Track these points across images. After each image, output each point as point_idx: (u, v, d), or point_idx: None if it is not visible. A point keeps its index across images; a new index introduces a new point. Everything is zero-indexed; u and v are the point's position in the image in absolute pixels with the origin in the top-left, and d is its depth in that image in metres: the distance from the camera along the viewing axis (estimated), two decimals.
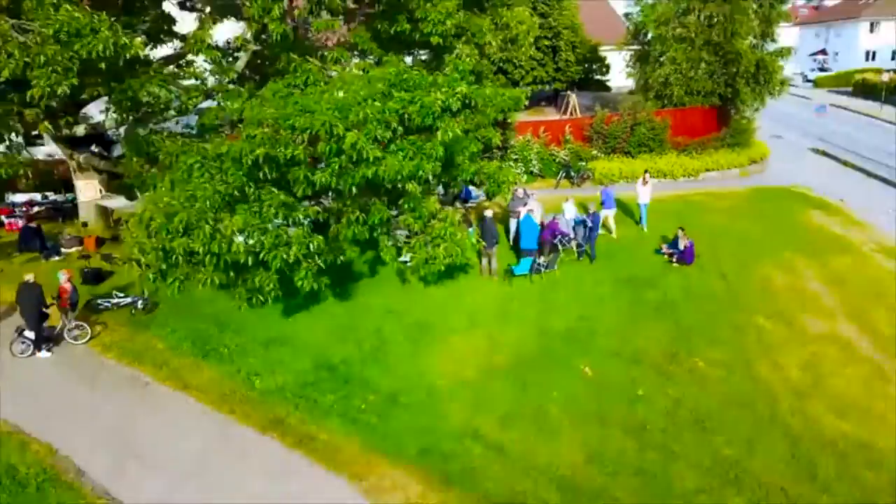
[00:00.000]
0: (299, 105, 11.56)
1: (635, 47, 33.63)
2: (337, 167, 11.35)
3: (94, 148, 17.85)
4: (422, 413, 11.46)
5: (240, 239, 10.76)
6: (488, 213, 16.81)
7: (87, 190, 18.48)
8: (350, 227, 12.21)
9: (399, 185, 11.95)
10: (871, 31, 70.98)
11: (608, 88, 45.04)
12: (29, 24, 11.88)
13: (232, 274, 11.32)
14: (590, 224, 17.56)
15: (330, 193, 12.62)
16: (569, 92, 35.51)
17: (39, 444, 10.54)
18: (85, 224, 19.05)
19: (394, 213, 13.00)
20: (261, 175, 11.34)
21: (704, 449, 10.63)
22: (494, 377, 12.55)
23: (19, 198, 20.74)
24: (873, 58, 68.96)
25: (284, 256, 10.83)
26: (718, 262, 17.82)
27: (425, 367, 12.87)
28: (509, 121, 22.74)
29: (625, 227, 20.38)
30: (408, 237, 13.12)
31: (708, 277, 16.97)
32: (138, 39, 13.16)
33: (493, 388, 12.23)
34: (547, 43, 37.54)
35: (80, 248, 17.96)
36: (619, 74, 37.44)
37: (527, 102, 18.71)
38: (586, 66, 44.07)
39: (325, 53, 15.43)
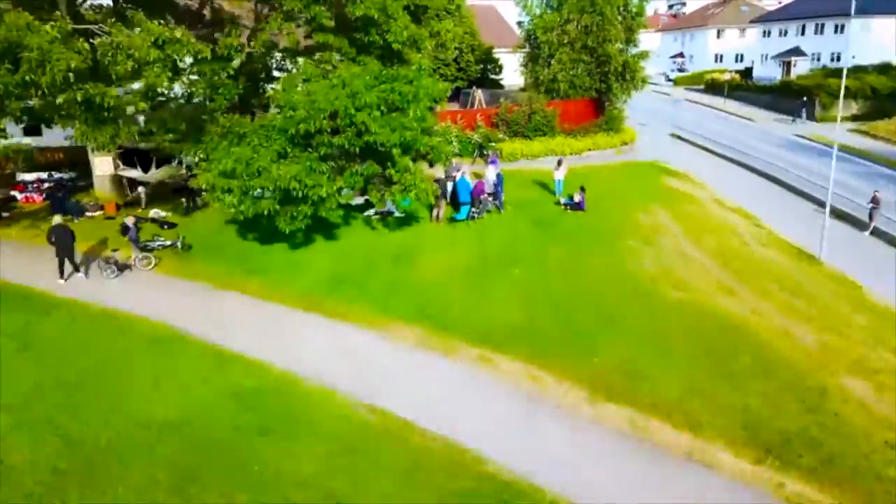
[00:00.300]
0: (316, 93, 16.76)
1: (527, 50, 40.29)
2: (350, 135, 16.67)
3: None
4: (412, 296, 16.99)
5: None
6: (440, 175, 22.53)
7: (103, 165, 22.34)
8: (353, 177, 17.53)
9: (387, 149, 17.41)
10: (718, 37, 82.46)
11: (502, 86, 51.93)
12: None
13: (277, 206, 16.40)
14: (495, 181, 23.76)
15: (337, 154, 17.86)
16: (475, 88, 41.76)
17: (167, 326, 15.17)
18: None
19: (380, 170, 18.43)
20: (296, 141, 16.46)
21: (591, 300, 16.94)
22: (454, 278, 18.31)
23: (29, 176, 24.03)
24: (721, 60, 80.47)
25: (319, 192, 16.05)
26: (601, 210, 24.49)
27: (407, 275, 18.41)
28: (438, 109, 28.51)
29: (537, 190, 26.87)
30: (388, 186, 18.60)
31: (594, 219, 23.57)
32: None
33: (455, 282, 17.98)
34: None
35: (102, 211, 21.89)
36: (512, 73, 44.18)
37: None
38: (483, 66, 50.75)
39: (318, 55, 20.47)
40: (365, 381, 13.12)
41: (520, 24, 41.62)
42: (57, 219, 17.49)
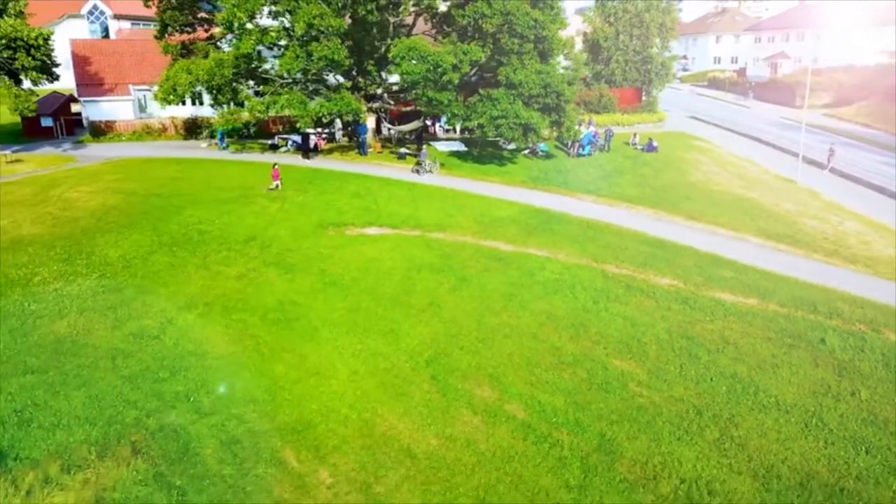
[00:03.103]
0: (538, 74, 30.47)
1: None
2: (553, 97, 30.64)
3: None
4: (582, 184, 30.95)
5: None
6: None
7: (370, 122, 36.17)
8: (543, 119, 31.47)
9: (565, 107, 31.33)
10: (717, 42, 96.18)
11: None
12: None
13: (518, 133, 30.52)
14: (609, 134, 37.86)
15: None
16: None
17: (452, 189, 29.11)
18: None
19: (556, 118, 32.34)
20: (526, 101, 30.41)
21: (673, 188, 31.04)
22: (598, 178, 32.33)
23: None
24: (719, 62, 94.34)
25: (542, 124, 30.08)
26: (669, 153, 38.56)
27: (571, 179, 32.40)
28: None
29: (614, 143, 41.13)
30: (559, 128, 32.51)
31: (660, 156, 37.66)
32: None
33: (601, 181, 31.96)
34: None
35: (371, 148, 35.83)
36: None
37: None
38: None
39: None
40: (591, 213, 27.08)
41: (585, 34, 54.95)
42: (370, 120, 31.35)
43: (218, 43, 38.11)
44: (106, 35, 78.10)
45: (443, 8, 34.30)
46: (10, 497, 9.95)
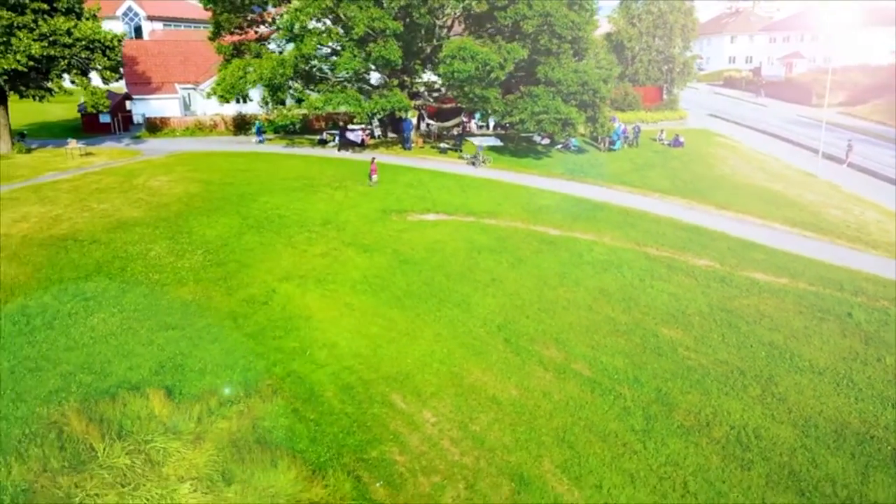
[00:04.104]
0: (575, 72, 32.25)
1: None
2: (590, 94, 32.37)
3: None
4: (615, 177, 32.63)
5: None
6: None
7: (412, 118, 38.04)
8: (579, 115, 33.21)
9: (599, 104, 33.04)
10: (731, 42, 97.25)
11: None
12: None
13: (558, 127, 32.31)
14: (636, 131, 39.48)
15: None
16: None
17: (501, 181, 30.91)
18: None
19: (591, 114, 34.05)
20: (564, 98, 32.18)
21: (702, 181, 32.66)
22: (630, 170, 34.03)
23: (333, 131, 39.66)
24: (734, 61, 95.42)
25: (578, 119, 31.81)
26: (694, 148, 40.16)
27: (604, 170, 34.11)
28: None
29: (641, 138, 42.71)
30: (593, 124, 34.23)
31: (686, 151, 39.25)
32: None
33: (633, 174, 33.66)
34: None
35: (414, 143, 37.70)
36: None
37: None
38: None
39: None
40: (627, 202, 28.82)
41: (608, 35, 56.50)
42: (410, 115, 33.23)
43: (265, 43, 39.98)
44: (139, 36, 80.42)
45: (478, 10, 36.02)
46: (186, 422, 11.90)
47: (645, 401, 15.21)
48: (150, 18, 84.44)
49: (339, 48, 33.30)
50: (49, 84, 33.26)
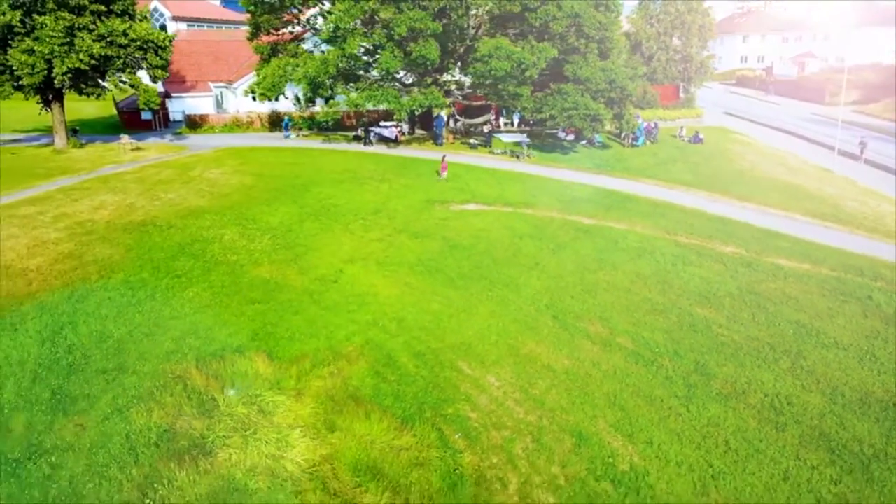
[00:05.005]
0: (603, 71, 33.54)
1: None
2: (618, 91, 33.63)
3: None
4: (640, 171, 33.87)
5: None
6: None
7: (442, 114, 39.42)
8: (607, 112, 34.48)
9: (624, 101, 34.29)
10: (744, 42, 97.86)
11: None
12: None
13: (587, 122, 33.62)
14: (653, 127, 40.71)
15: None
16: None
17: (535, 174, 32.21)
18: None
19: (618, 110, 35.29)
20: (591, 95, 33.45)
21: (723, 175, 33.88)
22: (653, 165, 35.25)
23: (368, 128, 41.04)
24: (746, 60, 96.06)
25: (606, 115, 33.07)
26: (713, 145, 41.31)
27: (630, 164, 35.35)
28: None
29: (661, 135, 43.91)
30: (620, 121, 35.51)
31: (705, 147, 40.44)
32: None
33: (656, 168, 34.86)
34: None
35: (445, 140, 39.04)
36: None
37: None
38: None
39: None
40: (654, 194, 30.09)
41: (627, 35, 57.65)
42: (441, 112, 34.59)
43: (299, 43, 41.38)
44: None
45: (511, 11, 37.28)
46: (287, 380, 13.37)
47: (685, 371, 16.53)
48: (175, 18, 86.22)
49: (374, 48, 34.65)
50: (104, 83, 34.83)
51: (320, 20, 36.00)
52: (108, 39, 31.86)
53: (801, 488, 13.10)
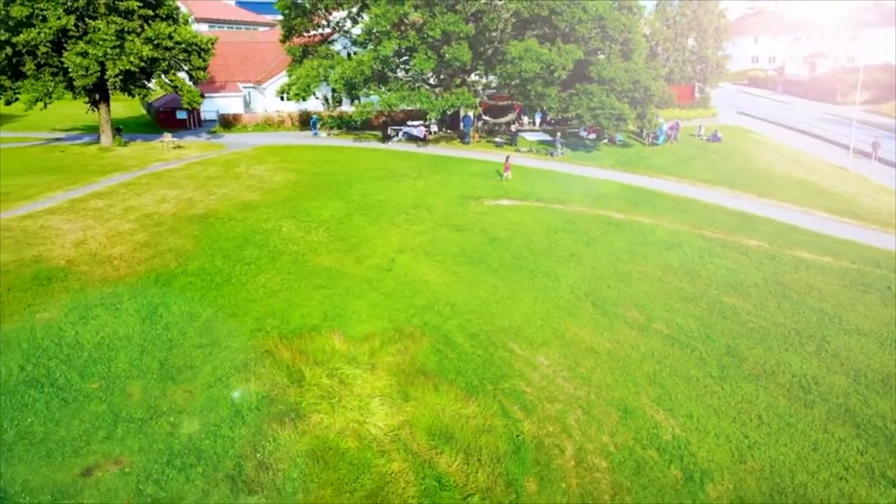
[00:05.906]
0: (626, 70, 34.60)
1: None
2: (641, 91, 34.68)
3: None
4: (660, 169, 34.92)
5: None
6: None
7: (470, 113, 40.58)
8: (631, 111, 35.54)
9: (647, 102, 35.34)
10: (755, 42, 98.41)
11: None
12: None
13: (614, 122, 34.73)
14: (675, 127, 41.71)
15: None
16: None
17: (560, 172, 33.29)
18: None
19: (641, 110, 36.35)
20: (615, 95, 34.52)
21: (741, 172, 34.88)
22: (674, 163, 36.29)
23: (397, 127, 42.21)
24: (756, 61, 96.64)
25: (630, 114, 34.15)
26: (731, 143, 42.26)
27: (650, 162, 36.39)
28: None
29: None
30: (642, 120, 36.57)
31: (724, 146, 41.40)
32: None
33: (678, 165, 35.87)
34: None
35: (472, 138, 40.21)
36: None
37: None
38: None
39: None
40: (677, 191, 31.15)
41: (644, 36, 58.47)
42: (467, 112, 35.75)
43: (329, 44, 42.61)
44: None
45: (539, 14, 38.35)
46: (361, 355, 14.62)
47: (717, 354, 17.65)
48: (198, 20, 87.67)
49: (406, 50, 35.84)
50: (150, 83, 36.21)
51: (348, 23, 37.19)
52: (156, 42, 33.21)
53: (830, 457, 14.22)
